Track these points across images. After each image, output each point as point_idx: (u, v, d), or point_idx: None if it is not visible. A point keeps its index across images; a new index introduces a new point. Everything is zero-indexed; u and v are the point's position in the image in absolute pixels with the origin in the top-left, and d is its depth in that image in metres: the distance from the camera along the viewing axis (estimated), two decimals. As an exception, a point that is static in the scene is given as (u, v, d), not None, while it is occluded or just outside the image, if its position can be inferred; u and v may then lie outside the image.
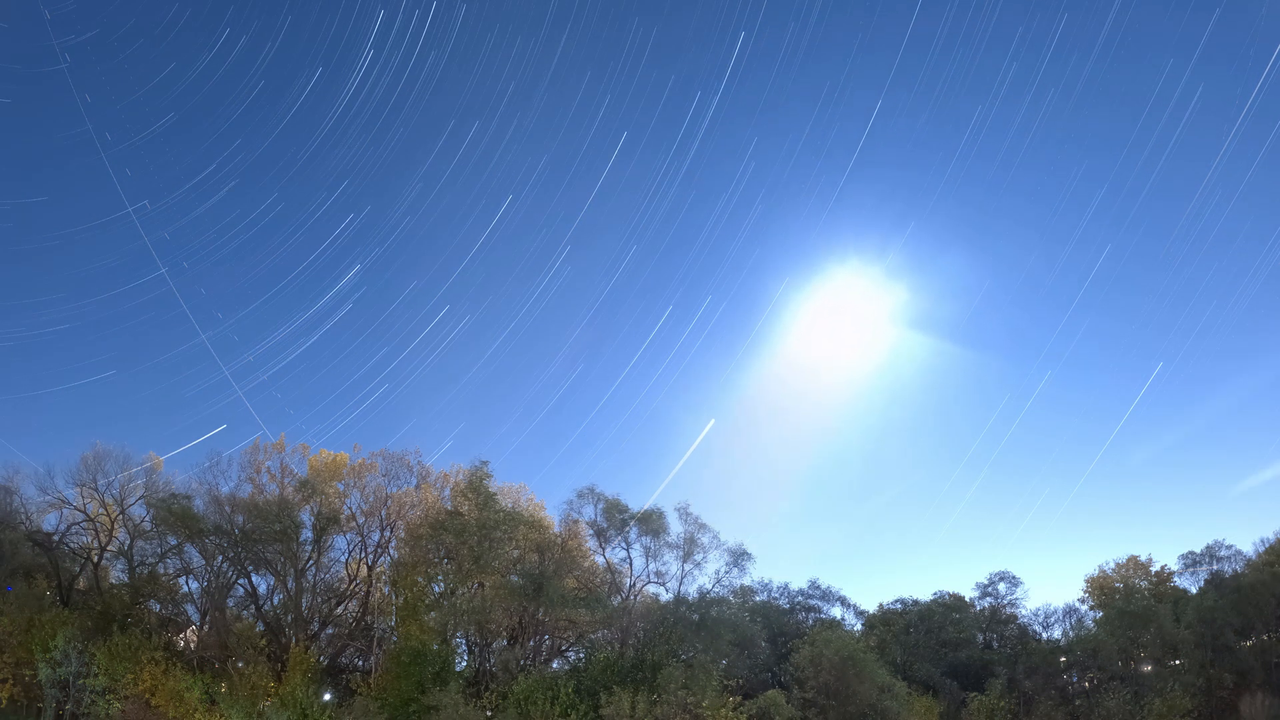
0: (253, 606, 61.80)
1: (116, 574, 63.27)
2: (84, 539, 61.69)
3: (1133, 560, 75.78)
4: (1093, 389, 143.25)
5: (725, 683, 52.75)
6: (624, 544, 59.85)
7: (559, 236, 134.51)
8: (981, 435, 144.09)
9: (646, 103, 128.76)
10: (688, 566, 58.04)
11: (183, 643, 60.08)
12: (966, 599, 72.76)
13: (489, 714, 50.60)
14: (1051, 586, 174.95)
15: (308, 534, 59.32)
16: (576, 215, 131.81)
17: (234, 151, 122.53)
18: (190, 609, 63.26)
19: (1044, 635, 70.03)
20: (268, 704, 50.33)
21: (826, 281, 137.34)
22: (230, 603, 62.03)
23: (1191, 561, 71.57)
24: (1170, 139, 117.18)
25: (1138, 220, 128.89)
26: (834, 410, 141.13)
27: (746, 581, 64.16)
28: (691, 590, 57.61)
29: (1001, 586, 71.97)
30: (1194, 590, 69.95)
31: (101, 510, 59.95)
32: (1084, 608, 71.79)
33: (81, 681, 50.01)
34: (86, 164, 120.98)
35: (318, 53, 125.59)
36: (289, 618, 58.92)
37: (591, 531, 60.81)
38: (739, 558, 58.07)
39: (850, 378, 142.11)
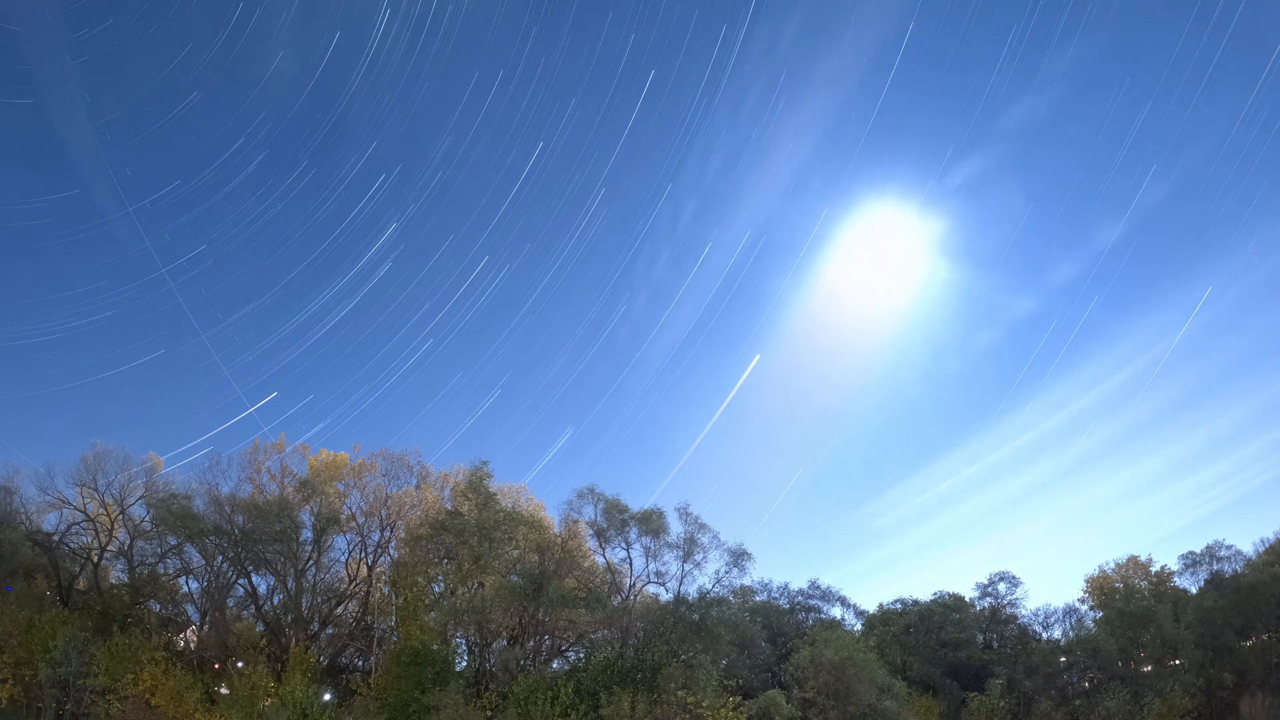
0: (253, 606, 61.79)
1: (116, 574, 63.30)
2: (84, 539, 61.65)
3: (1133, 560, 75.92)
4: (1138, 316, 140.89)
5: (725, 683, 52.75)
6: (624, 544, 59.71)
7: (593, 179, 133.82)
8: (1025, 369, 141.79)
9: (672, 40, 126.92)
10: (688, 566, 57.98)
11: (183, 643, 60.11)
12: (966, 599, 72.95)
13: (489, 714, 50.56)
14: (1051, 586, 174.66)
15: (308, 534, 59.39)
16: (609, 157, 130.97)
17: (260, 124, 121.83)
18: (190, 609, 63.44)
19: (1044, 635, 70.14)
20: (268, 704, 50.28)
21: (866, 213, 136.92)
22: (230, 603, 62.11)
23: (1191, 561, 71.71)
24: (1213, 57, 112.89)
25: (1182, 141, 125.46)
26: (878, 341, 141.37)
27: (746, 581, 64.31)
28: (691, 590, 57.54)
29: (1001, 586, 72.27)
30: (1194, 590, 70.02)
31: (101, 510, 59.93)
32: (1084, 608, 72.03)
33: (81, 681, 50.04)
34: (111, 154, 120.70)
35: (334, 17, 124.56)
36: (289, 618, 58.89)
37: (591, 532, 60.70)
38: (739, 558, 57.98)
39: (890, 309, 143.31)
